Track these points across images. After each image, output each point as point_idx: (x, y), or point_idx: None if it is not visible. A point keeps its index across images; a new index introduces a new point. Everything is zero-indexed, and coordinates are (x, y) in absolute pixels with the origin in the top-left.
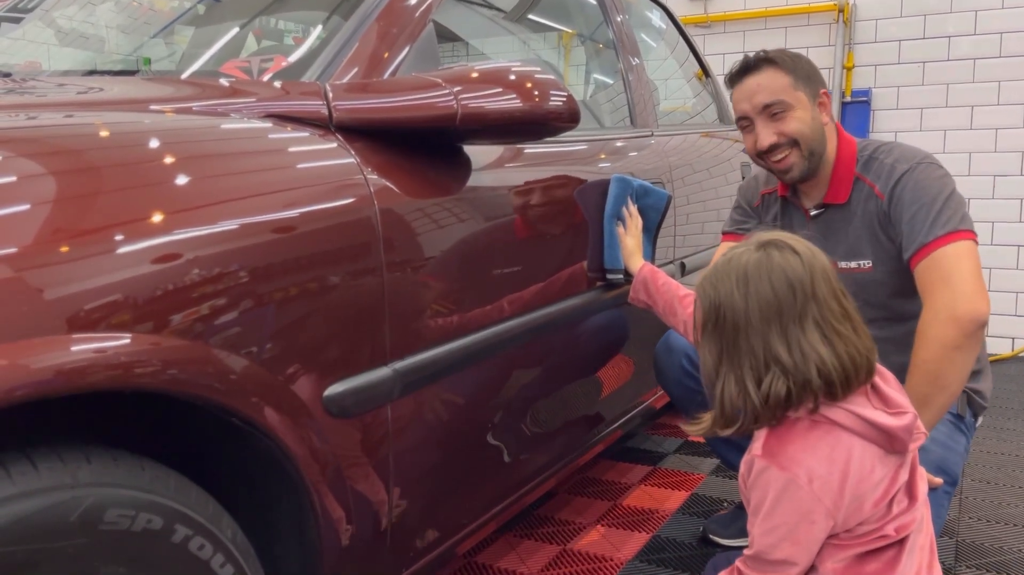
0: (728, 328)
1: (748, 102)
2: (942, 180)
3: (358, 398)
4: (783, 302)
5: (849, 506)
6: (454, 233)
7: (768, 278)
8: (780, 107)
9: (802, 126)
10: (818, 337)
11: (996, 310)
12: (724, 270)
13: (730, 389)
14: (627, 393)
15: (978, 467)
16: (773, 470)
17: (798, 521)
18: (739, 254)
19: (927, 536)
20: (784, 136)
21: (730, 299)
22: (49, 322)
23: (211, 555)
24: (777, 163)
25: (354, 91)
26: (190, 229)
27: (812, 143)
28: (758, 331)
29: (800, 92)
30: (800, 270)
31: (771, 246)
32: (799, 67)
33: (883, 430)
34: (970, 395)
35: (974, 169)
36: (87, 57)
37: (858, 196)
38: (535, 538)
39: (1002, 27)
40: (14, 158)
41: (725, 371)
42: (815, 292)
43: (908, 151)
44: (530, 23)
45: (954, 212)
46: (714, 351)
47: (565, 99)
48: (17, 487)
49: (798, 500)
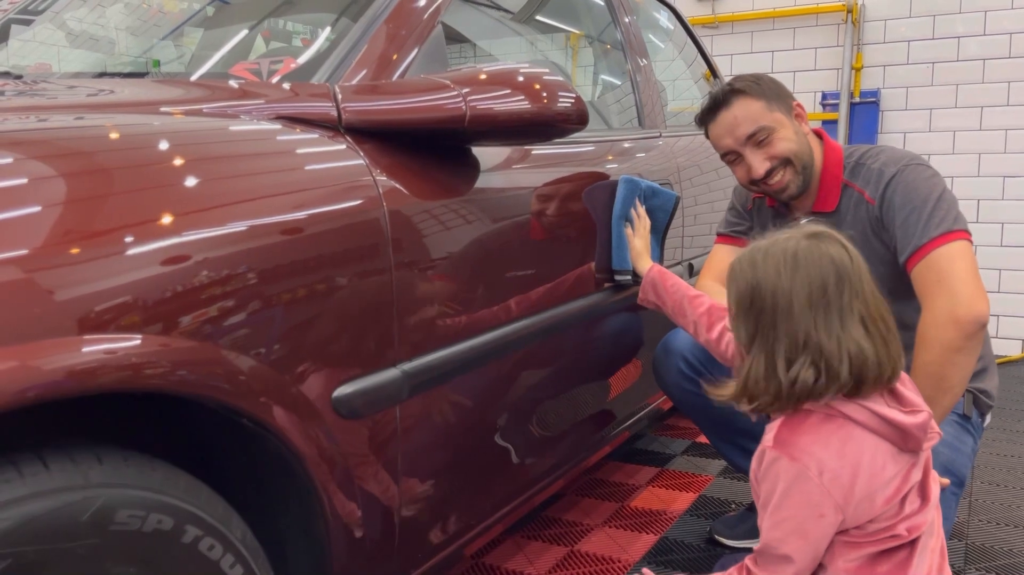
0: (767, 308)
1: (731, 136)
2: (931, 180)
3: (367, 399)
4: (831, 291)
5: (859, 503)
6: (462, 234)
7: (819, 264)
8: (764, 133)
9: (791, 144)
10: (862, 332)
11: (1006, 311)
12: (766, 252)
13: (758, 368)
14: (634, 394)
15: (988, 469)
16: (784, 461)
17: (807, 514)
18: (784, 239)
19: (938, 539)
20: (776, 158)
21: (774, 280)
22: (60, 323)
23: (221, 555)
24: (773, 185)
25: (363, 93)
26: (200, 231)
27: (803, 158)
28: (800, 314)
29: (777, 112)
30: (849, 264)
31: (822, 236)
32: (766, 88)
33: (897, 427)
34: (976, 395)
35: (983, 170)
36: (97, 59)
37: (847, 203)
38: (543, 539)
39: (1012, 28)
40: (26, 160)
41: (757, 350)
42: (863, 288)
43: (895, 154)
44: (538, 24)
45: (946, 212)
46: (750, 330)
47: (573, 100)
48: (29, 487)
49: (807, 493)
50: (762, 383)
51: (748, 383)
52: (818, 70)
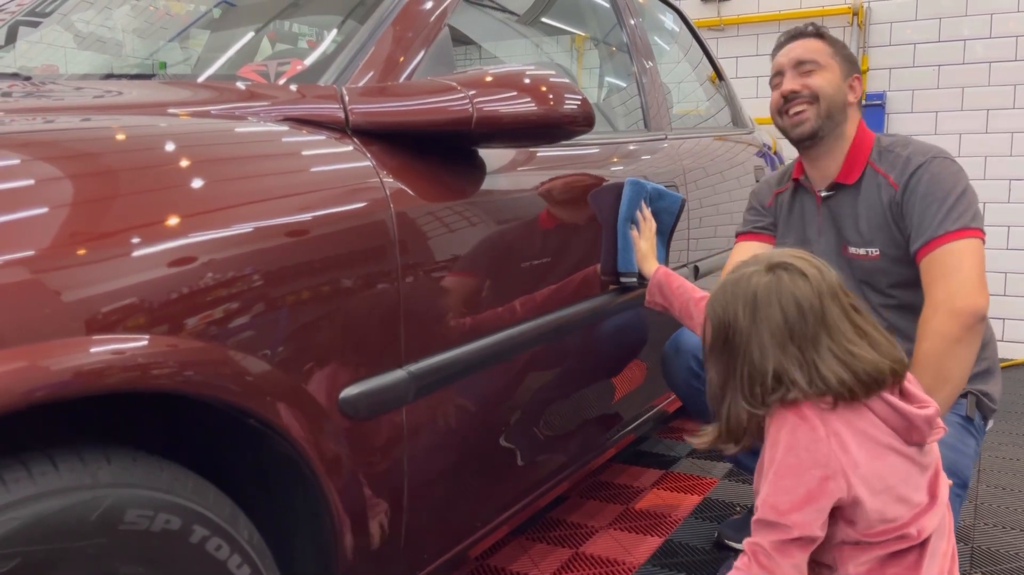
0: (738, 350)
1: (785, 56)
2: (956, 175)
3: (373, 400)
4: (793, 326)
5: (864, 480)
6: (469, 236)
7: (778, 302)
8: (812, 65)
9: (827, 85)
10: (835, 362)
11: (1011, 315)
12: (732, 291)
13: (736, 409)
14: (640, 396)
15: (993, 473)
16: (791, 418)
17: (812, 475)
18: (748, 275)
19: (949, 543)
20: (807, 88)
21: (738, 323)
22: (68, 324)
23: (228, 556)
24: (793, 116)
25: (370, 95)
26: (207, 232)
27: (832, 105)
28: (771, 355)
29: (835, 62)
30: (809, 293)
31: (780, 268)
32: (841, 47)
33: (903, 415)
34: (978, 397)
35: (989, 173)
36: (104, 61)
37: (870, 183)
38: (547, 541)
39: (1018, 30)
40: (34, 161)
41: (731, 391)
42: (825, 317)
43: (923, 146)
44: (544, 26)
45: (966, 209)
46: (721, 371)
47: (580, 103)
48: (39, 487)
49: (815, 451)
50: (744, 423)
51: (730, 426)
52: None
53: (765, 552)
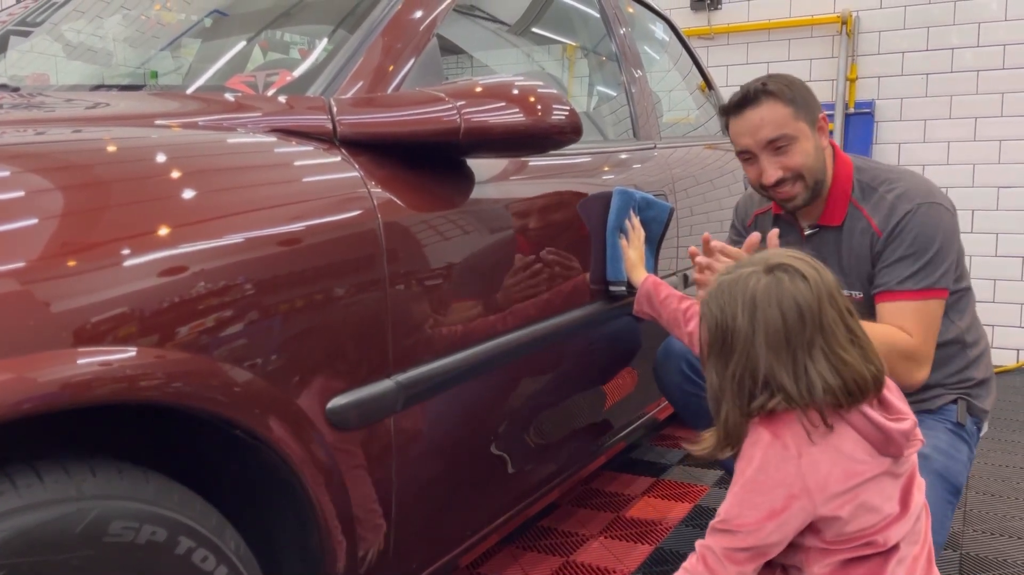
0: (736, 351)
1: (751, 137)
2: (940, 224)
3: (361, 410)
4: (791, 330)
5: (833, 497)
6: (457, 246)
7: (778, 305)
8: (784, 141)
9: (806, 159)
10: (826, 366)
11: (1000, 322)
12: (730, 291)
13: (733, 413)
14: (630, 404)
15: (983, 479)
16: (764, 435)
17: (778, 493)
18: (745, 276)
19: (923, 547)
20: (789, 171)
21: (736, 323)
22: (56, 336)
23: (214, 567)
24: (781, 194)
25: (358, 105)
26: (195, 243)
27: (816, 174)
28: (762, 357)
29: (801, 122)
30: (809, 297)
31: (780, 270)
32: (797, 95)
33: (880, 429)
34: (970, 403)
35: (978, 181)
36: (94, 71)
37: (852, 223)
38: (538, 550)
39: (1005, 39)
40: (22, 173)
41: (728, 398)
42: (822, 321)
43: (911, 186)
44: (534, 36)
45: (938, 266)
46: (719, 373)
47: (567, 113)
48: (23, 499)
49: (783, 470)
50: (742, 428)
51: (728, 431)
52: (813, 81)
53: (715, 556)
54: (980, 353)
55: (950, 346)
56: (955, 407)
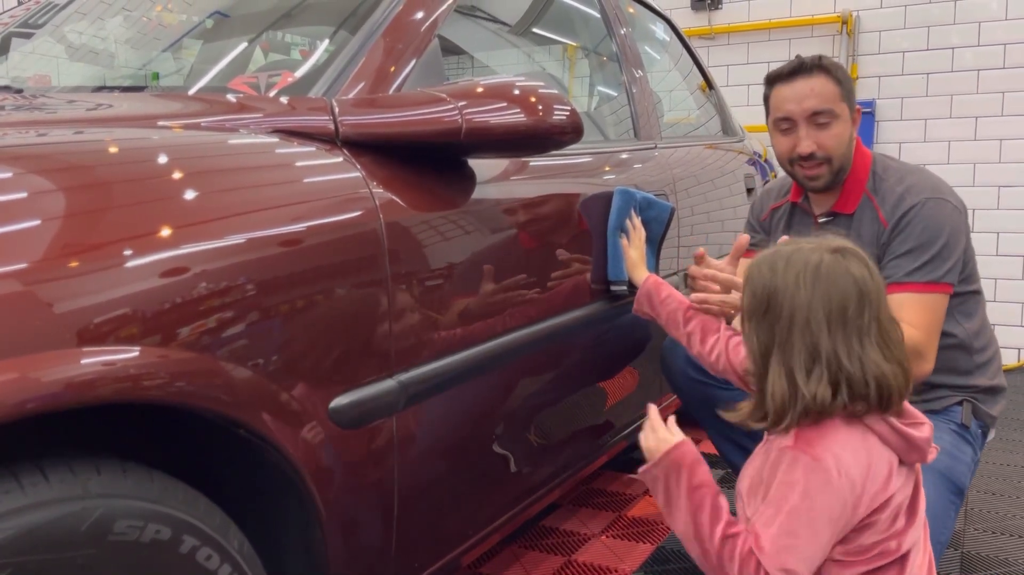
0: (784, 317)
1: (797, 104)
2: (947, 220)
3: (363, 409)
4: (851, 310)
5: (864, 510)
6: (459, 246)
7: (841, 282)
8: (828, 117)
9: (840, 144)
10: (880, 355)
11: (1001, 321)
12: (788, 259)
13: (780, 383)
14: (632, 404)
15: (984, 478)
16: (806, 460)
17: (825, 517)
18: (808, 249)
19: (925, 556)
20: (823, 150)
21: (793, 290)
22: (59, 336)
23: (218, 566)
24: (807, 170)
25: (360, 106)
26: (198, 243)
27: (843, 161)
28: (818, 329)
29: (845, 105)
30: (871, 284)
31: (845, 252)
32: (846, 81)
33: (905, 438)
34: (975, 406)
35: (978, 180)
36: (96, 72)
37: (863, 212)
38: (539, 549)
39: (1005, 39)
40: (25, 174)
41: (775, 363)
42: (879, 312)
43: (918, 180)
44: (534, 36)
45: (944, 260)
46: (764, 339)
47: (568, 113)
48: (29, 498)
49: (828, 495)
50: (788, 400)
51: (773, 401)
52: None
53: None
54: (987, 360)
55: (955, 349)
56: (960, 409)
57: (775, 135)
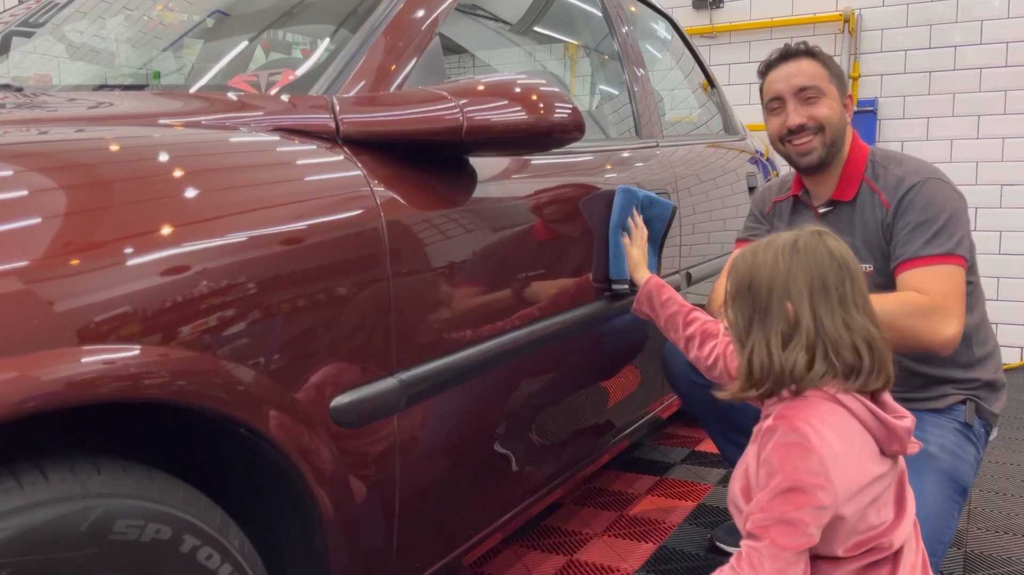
0: (763, 291)
1: (785, 82)
2: (948, 199)
3: (364, 409)
4: (831, 279)
5: (848, 495)
6: (460, 244)
7: (817, 253)
8: (815, 92)
9: (831, 114)
10: (865, 319)
11: (1004, 319)
12: (768, 243)
13: (760, 350)
14: (634, 403)
15: (987, 477)
16: (782, 430)
17: (805, 485)
18: (786, 235)
19: (918, 554)
20: (813, 120)
21: (772, 265)
22: (60, 334)
23: (219, 565)
24: (799, 146)
25: (361, 104)
26: (199, 241)
27: (836, 133)
28: (797, 298)
29: (832, 86)
30: (850, 259)
31: (822, 234)
32: (833, 66)
33: (886, 425)
34: (978, 404)
35: (981, 178)
36: (97, 71)
37: (863, 199)
38: (542, 548)
39: (1008, 37)
40: (26, 172)
41: (756, 333)
42: (856, 282)
43: (916, 165)
44: (536, 35)
45: (951, 234)
46: (746, 314)
47: (570, 111)
48: (28, 498)
49: (807, 460)
50: (766, 366)
51: (752, 368)
52: None
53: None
54: (987, 354)
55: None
56: (963, 407)
57: (767, 118)
